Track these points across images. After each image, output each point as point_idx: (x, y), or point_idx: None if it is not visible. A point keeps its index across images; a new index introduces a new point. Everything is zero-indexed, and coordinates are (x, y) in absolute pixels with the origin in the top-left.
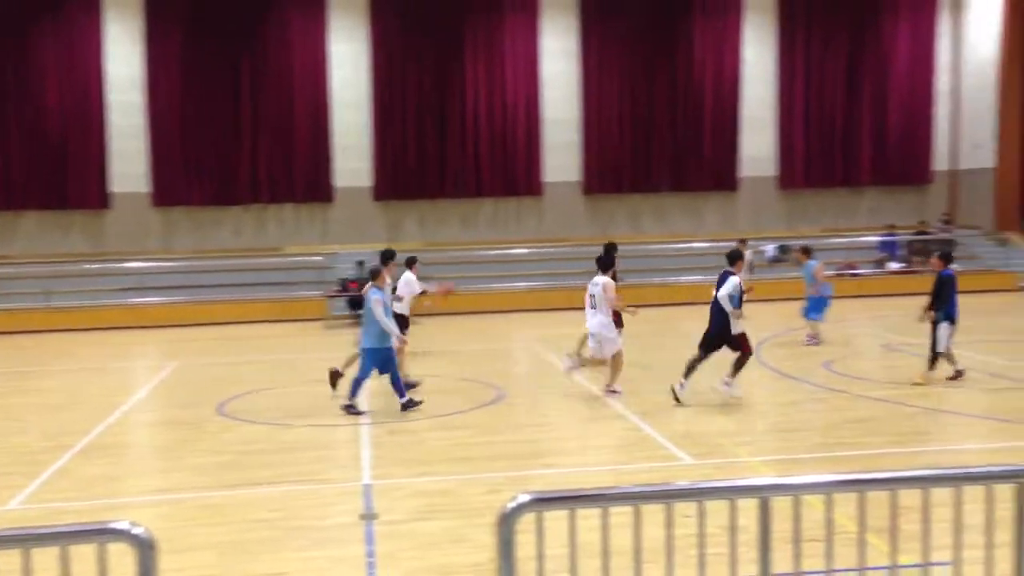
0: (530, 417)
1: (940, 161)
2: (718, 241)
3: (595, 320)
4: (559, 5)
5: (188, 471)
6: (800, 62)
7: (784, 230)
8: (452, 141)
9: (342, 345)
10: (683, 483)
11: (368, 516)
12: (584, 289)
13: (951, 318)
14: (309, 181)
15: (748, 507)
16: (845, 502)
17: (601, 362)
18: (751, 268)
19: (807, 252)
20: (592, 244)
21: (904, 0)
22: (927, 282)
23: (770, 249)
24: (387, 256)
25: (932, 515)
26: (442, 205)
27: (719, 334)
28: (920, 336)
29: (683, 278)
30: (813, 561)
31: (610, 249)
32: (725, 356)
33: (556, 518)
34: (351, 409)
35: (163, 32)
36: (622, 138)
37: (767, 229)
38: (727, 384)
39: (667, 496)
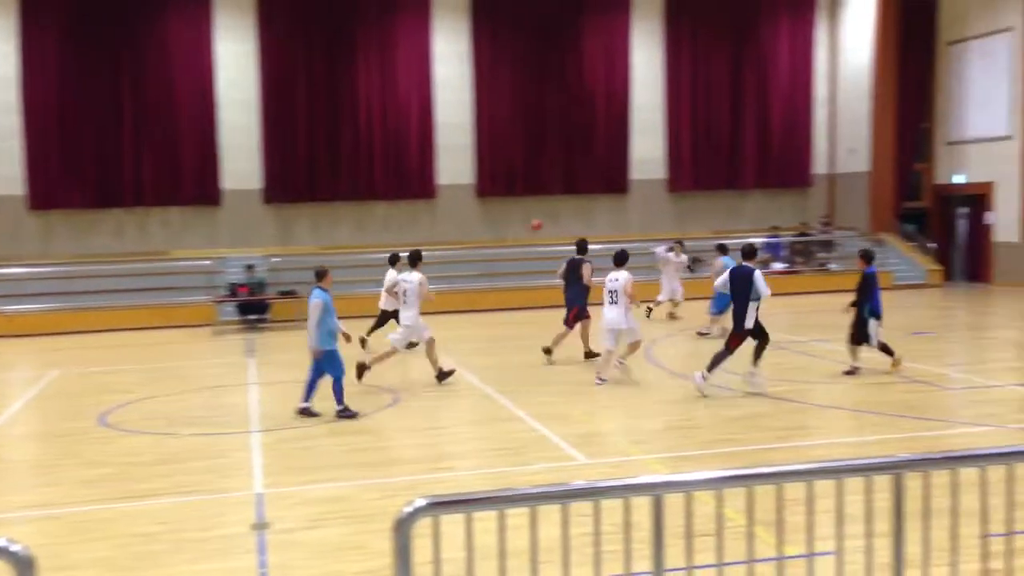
0: (426, 421)
1: (819, 165)
2: (609, 243)
3: (613, 314)
4: (450, 7)
5: (69, 485)
6: (686, 68)
7: (673, 232)
8: (344, 143)
9: (231, 351)
10: (579, 483)
11: (260, 526)
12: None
13: (875, 313)
14: (195, 183)
15: (642, 504)
16: (734, 496)
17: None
18: (690, 268)
19: (723, 250)
20: (486, 247)
21: (783, 10)
22: (810, 282)
23: (660, 250)
24: (415, 257)
25: (816, 507)
26: (335, 208)
27: (748, 329)
28: (801, 334)
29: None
30: (704, 555)
31: (624, 251)
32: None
33: (452, 522)
34: (345, 413)
35: (39, 29)
36: (514, 141)
37: (657, 231)
38: (752, 375)
39: (563, 496)
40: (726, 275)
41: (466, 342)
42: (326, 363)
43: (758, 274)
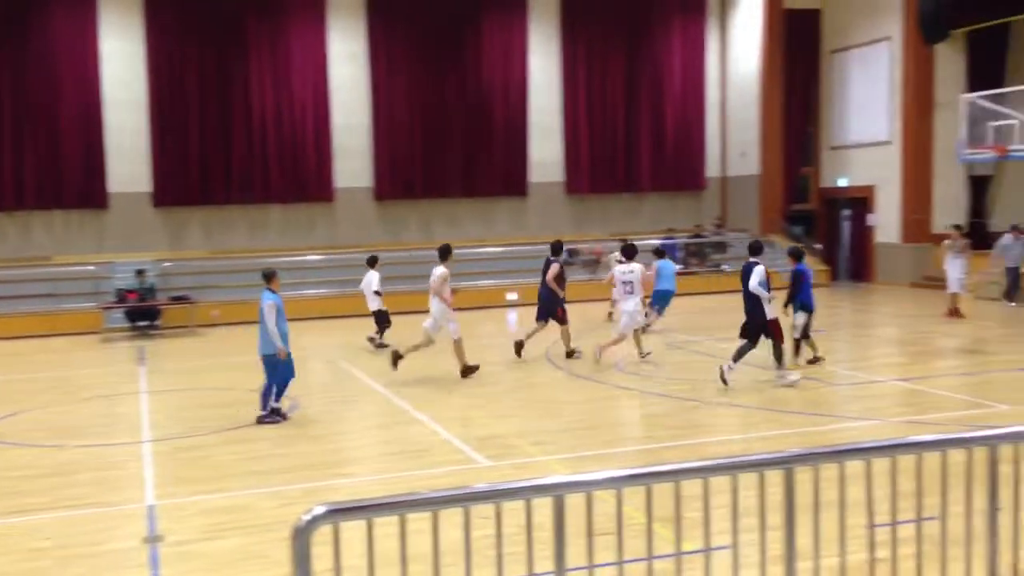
0: (325, 427)
1: (712, 168)
2: (509, 245)
3: (632, 302)
4: (345, 7)
5: None
6: (582, 72)
7: (572, 234)
8: (237, 145)
9: (120, 359)
10: (480, 486)
11: (152, 539)
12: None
13: (806, 307)
14: (80, 186)
15: (543, 505)
16: (634, 495)
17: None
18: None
19: (660, 253)
20: (385, 250)
21: (675, 16)
22: (704, 282)
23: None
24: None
25: (712, 502)
26: (228, 211)
27: (761, 323)
28: (696, 334)
29: (477, 282)
30: (605, 554)
31: (633, 244)
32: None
33: (353, 528)
34: (273, 415)
35: None
36: (413, 143)
37: (556, 233)
38: (781, 378)
39: (464, 499)
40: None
41: (365, 347)
42: (281, 366)
43: (756, 270)
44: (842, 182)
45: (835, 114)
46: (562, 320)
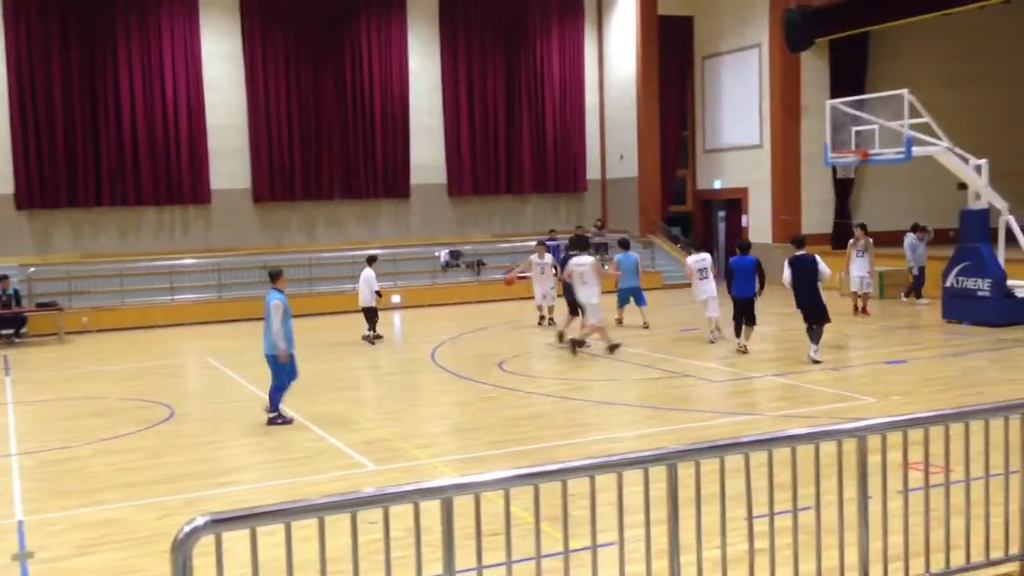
0: (205, 435)
1: (593, 171)
2: (393, 248)
3: (589, 292)
4: (220, 5)
5: None
6: (463, 74)
7: (455, 236)
8: (107, 145)
9: None
10: (367, 490)
11: (22, 556)
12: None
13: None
14: None
15: (431, 508)
16: (521, 495)
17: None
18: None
19: (625, 245)
20: (264, 253)
21: (554, 20)
22: None
23: (443, 255)
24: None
25: (598, 500)
26: (98, 214)
27: (823, 310)
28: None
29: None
30: (494, 554)
31: (583, 236)
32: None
33: (236, 538)
34: (279, 419)
35: None
36: (292, 145)
37: (439, 236)
38: (815, 353)
39: (351, 505)
40: (788, 268)
41: (245, 352)
42: (284, 366)
43: (820, 261)
44: (717, 184)
45: (709, 118)
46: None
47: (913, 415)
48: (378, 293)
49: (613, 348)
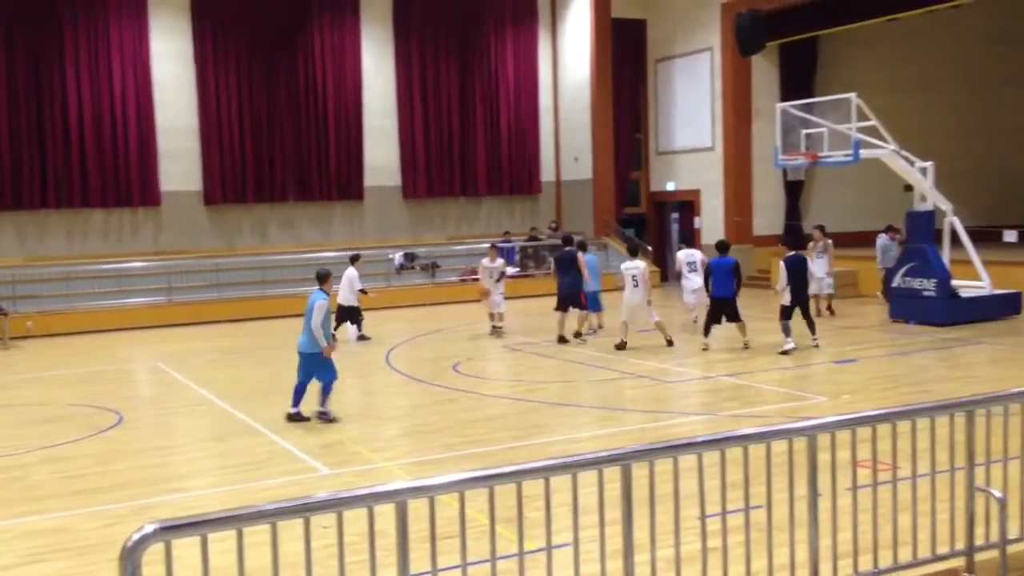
0: (155, 441)
1: (547, 173)
2: (347, 250)
3: (637, 297)
4: (169, 4)
5: None
6: (417, 76)
7: (409, 238)
8: (53, 147)
9: None
10: (321, 495)
11: None
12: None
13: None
14: None
15: (386, 512)
16: (476, 497)
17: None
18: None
19: (583, 247)
20: (216, 256)
21: (508, 22)
22: (540, 285)
23: (397, 257)
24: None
25: (553, 501)
26: (44, 216)
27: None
28: (533, 336)
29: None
30: (449, 557)
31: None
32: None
33: (187, 545)
34: (326, 416)
35: None
36: (244, 146)
37: (393, 238)
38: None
39: (304, 510)
40: (783, 266)
41: (197, 355)
42: (326, 365)
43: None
44: (670, 186)
45: (662, 121)
46: (584, 306)
47: (862, 413)
48: (363, 291)
49: (671, 343)
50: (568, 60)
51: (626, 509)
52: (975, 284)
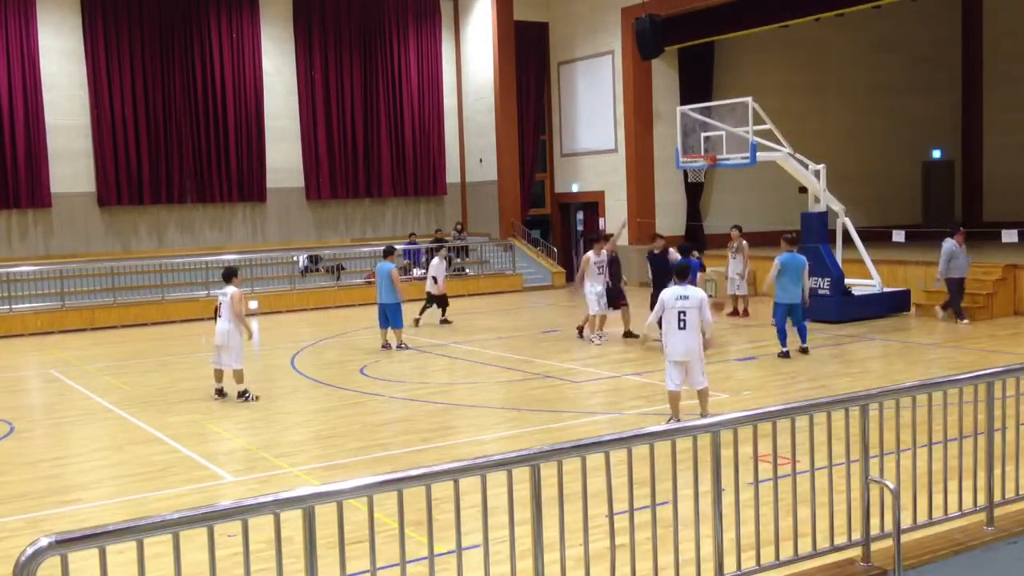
0: (48, 451)
1: (452, 174)
2: (248, 252)
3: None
4: (58, 1)
5: None
6: (319, 76)
7: (313, 240)
8: None
9: None
10: (225, 503)
11: None
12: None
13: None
14: None
15: (293, 518)
16: (385, 501)
17: None
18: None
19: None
20: (110, 259)
21: (410, 23)
22: (447, 286)
23: (301, 260)
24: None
25: (463, 503)
26: None
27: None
28: (441, 337)
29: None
30: (358, 563)
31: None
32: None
33: (84, 558)
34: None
35: None
36: (139, 146)
37: (297, 240)
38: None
39: (208, 518)
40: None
41: (92, 361)
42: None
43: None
44: (574, 188)
45: (565, 123)
46: (617, 306)
47: (762, 409)
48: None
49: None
50: (472, 62)
51: (535, 509)
52: (867, 283)
